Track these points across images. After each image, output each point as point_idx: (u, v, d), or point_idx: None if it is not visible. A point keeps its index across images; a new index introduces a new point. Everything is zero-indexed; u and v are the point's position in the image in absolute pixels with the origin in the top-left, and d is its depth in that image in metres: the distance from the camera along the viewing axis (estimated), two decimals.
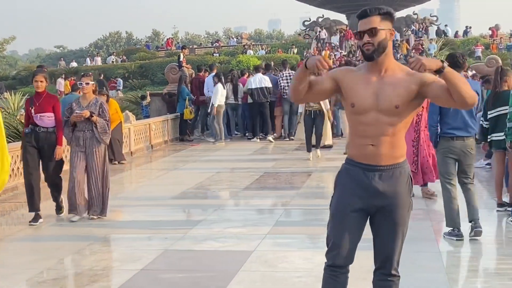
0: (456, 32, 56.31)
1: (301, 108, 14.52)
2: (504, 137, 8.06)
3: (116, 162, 14.45)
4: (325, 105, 13.85)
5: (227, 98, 18.23)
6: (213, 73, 18.60)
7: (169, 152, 16.74)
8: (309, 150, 13.89)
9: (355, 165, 3.96)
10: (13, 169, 11.29)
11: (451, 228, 7.12)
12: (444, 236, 7.20)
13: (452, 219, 7.08)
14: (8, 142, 14.69)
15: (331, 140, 15.92)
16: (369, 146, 3.89)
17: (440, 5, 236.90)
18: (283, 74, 18.35)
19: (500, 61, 19.19)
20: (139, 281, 6.00)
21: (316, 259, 6.35)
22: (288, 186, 11.20)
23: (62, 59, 64.19)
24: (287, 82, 17.40)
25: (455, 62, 7.07)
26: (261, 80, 18.13)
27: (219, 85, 17.50)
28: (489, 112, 8.49)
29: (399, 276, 4.04)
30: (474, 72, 25.83)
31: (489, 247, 7.05)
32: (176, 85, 19.46)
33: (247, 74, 20.32)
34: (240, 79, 19.44)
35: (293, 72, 17.75)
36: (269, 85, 18.09)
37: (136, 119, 17.53)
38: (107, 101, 14.51)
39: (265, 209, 9.52)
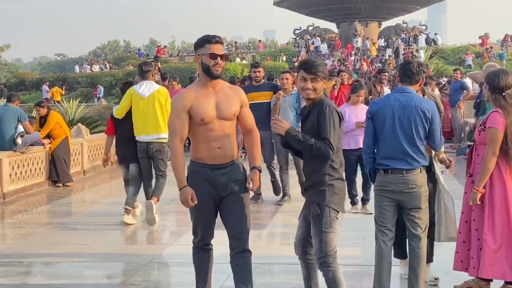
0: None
1: None
2: None
3: (61, 184, 11.77)
4: None
5: None
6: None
7: None
8: (353, 203, 8.75)
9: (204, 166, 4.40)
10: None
11: None
12: None
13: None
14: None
15: None
16: (216, 149, 4.37)
17: (428, 16, 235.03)
18: None
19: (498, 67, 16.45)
20: None
21: None
22: (252, 223, 8.30)
23: (77, 63, 60.43)
24: None
25: (405, 72, 5.02)
26: None
27: None
28: None
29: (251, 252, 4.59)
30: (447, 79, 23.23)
31: None
32: None
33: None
34: None
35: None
36: None
37: None
38: (48, 113, 11.89)
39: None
